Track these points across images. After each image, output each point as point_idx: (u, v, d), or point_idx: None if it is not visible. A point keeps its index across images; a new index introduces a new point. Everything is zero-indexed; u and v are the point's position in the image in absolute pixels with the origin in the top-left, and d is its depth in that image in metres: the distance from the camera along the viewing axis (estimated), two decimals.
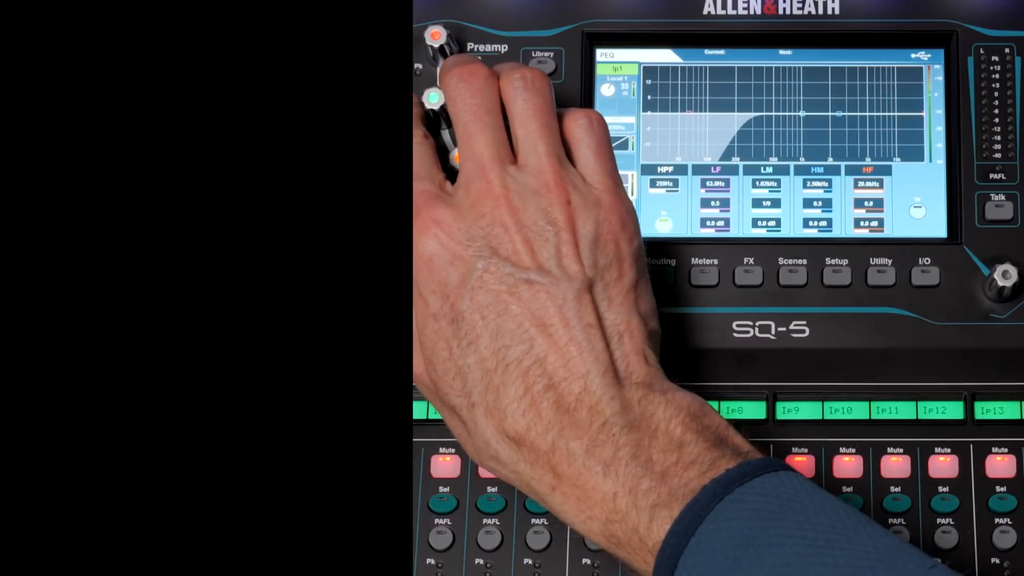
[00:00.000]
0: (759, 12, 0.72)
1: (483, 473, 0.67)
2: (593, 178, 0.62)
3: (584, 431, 0.57)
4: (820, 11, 0.71)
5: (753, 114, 0.71)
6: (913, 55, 0.72)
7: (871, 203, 0.70)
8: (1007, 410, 0.68)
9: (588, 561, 0.66)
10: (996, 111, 0.70)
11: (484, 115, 0.62)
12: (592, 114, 0.64)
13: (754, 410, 0.68)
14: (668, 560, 0.54)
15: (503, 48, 0.71)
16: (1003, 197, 0.69)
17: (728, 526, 0.53)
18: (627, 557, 0.57)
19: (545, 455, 0.57)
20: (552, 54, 0.71)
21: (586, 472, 0.56)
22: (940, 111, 0.71)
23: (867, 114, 0.71)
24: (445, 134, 0.66)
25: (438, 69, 0.68)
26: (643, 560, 0.56)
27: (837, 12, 0.71)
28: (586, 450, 0.56)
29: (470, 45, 0.71)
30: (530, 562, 0.66)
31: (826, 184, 0.70)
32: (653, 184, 0.71)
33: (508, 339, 0.58)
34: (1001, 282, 0.66)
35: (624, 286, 0.60)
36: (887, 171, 0.71)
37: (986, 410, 0.68)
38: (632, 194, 0.71)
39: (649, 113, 0.72)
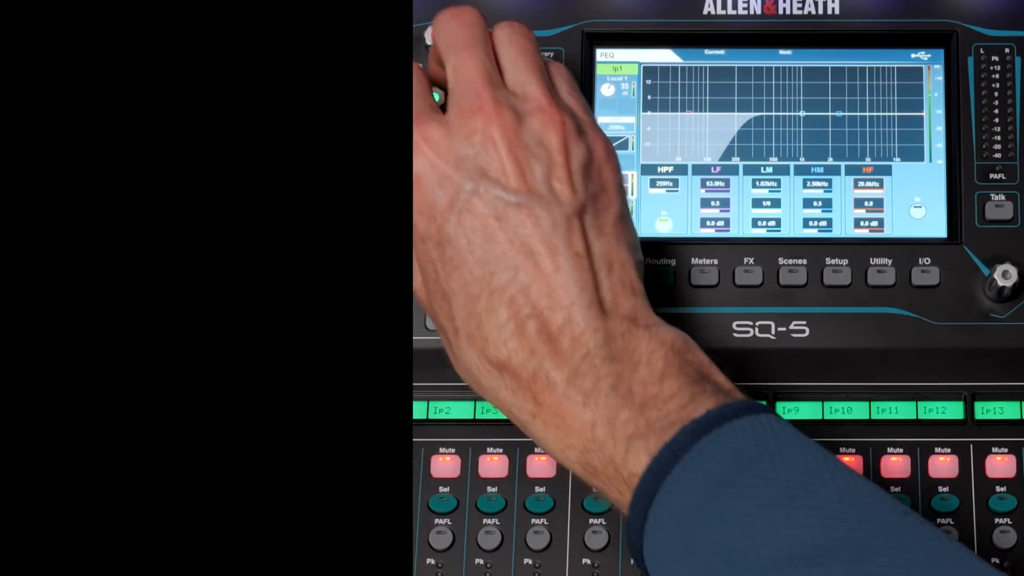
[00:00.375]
0: (759, 12, 0.72)
1: (483, 473, 0.67)
2: (578, 113, 0.62)
3: (566, 361, 0.57)
4: (820, 11, 0.71)
5: (753, 114, 0.71)
6: (913, 55, 0.72)
7: (871, 203, 0.70)
8: (1007, 410, 0.68)
9: (588, 561, 0.66)
10: (996, 111, 0.70)
11: (474, 44, 0.61)
12: (559, 66, 0.64)
13: None
14: (644, 498, 0.54)
15: None
16: (1003, 197, 0.69)
17: (705, 466, 0.53)
18: (601, 486, 0.57)
19: (527, 383, 0.57)
20: (552, 54, 0.71)
21: (566, 401, 0.57)
22: (940, 111, 0.71)
23: (867, 114, 0.71)
24: None
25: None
26: (617, 489, 0.56)
27: (837, 12, 0.71)
28: (567, 380, 0.57)
29: None
30: (530, 562, 0.66)
31: (826, 184, 0.71)
32: (653, 184, 0.71)
33: (493, 266, 0.58)
34: (1001, 282, 0.66)
35: (612, 215, 0.60)
36: (887, 171, 0.71)
37: (986, 410, 0.68)
38: (632, 194, 0.71)
39: (649, 113, 0.72)
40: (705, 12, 0.72)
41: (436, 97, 0.64)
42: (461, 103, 0.60)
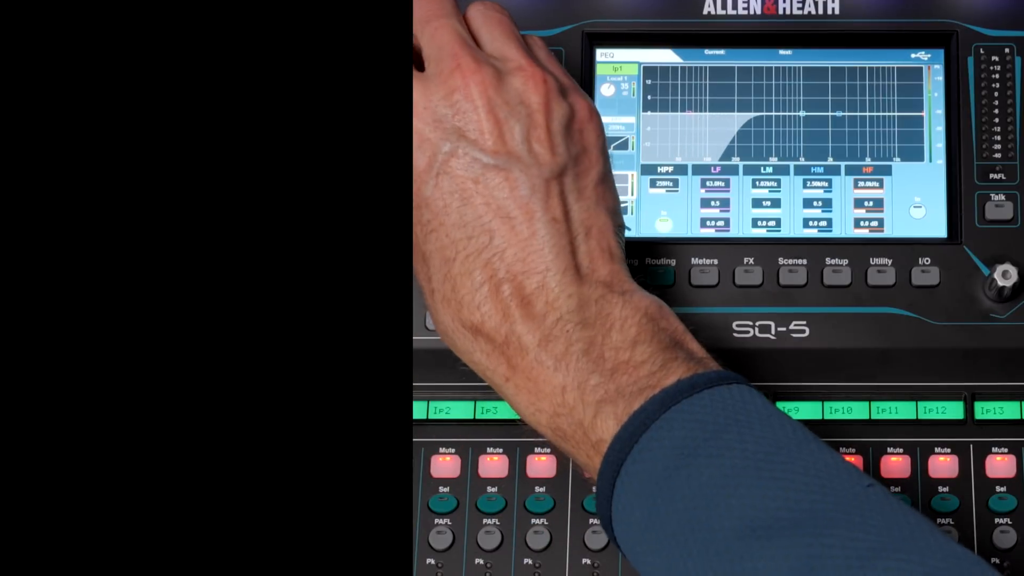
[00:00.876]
0: (759, 12, 0.72)
1: (483, 473, 0.67)
2: (559, 75, 0.62)
3: (538, 325, 0.57)
4: (820, 11, 0.71)
5: (753, 114, 0.71)
6: (913, 55, 0.72)
7: (871, 203, 0.70)
8: (1007, 410, 0.68)
9: (588, 561, 0.66)
10: (996, 111, 0.70)
11: (446, 13, 0.61)
12: (535, 38, 0.64)
13: None
14: (612, 466, 0.54)
15: None
16: (1003, 197, 0.69)
17: (672, 435, 0.53)
18: (571, 450, 0.57)
19: (500, 347, 0.57)
20: (552, 53, 0.71)
21: (538, 366, 0.57)
22: (940, 111, 0.71)
23: (867, 114, 0.71)
24: None
25: None
26: (585, 454, 0.57)
27: (837, 12, 0.71)
28: (539, 344, 0.57)
29: None
30: (530, 562, 0.66)
31: (826, 184, 0.71)
32: (653, 184, 0.71)
33: (469, 230, 0.58)
34: (1001, 282, 0.66)
35: (593, 178, 0.60)
36: (887, 171, 0.71)
37: (986, 410, 0.68)
38: (632, 194, 0.71)
39: (649, 113, 0.72)
40: (705, 12, 0.72)
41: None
42: (440, 65, 0.59)
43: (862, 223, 0.70)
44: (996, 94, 0.70)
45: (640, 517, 0.54)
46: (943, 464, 0.67)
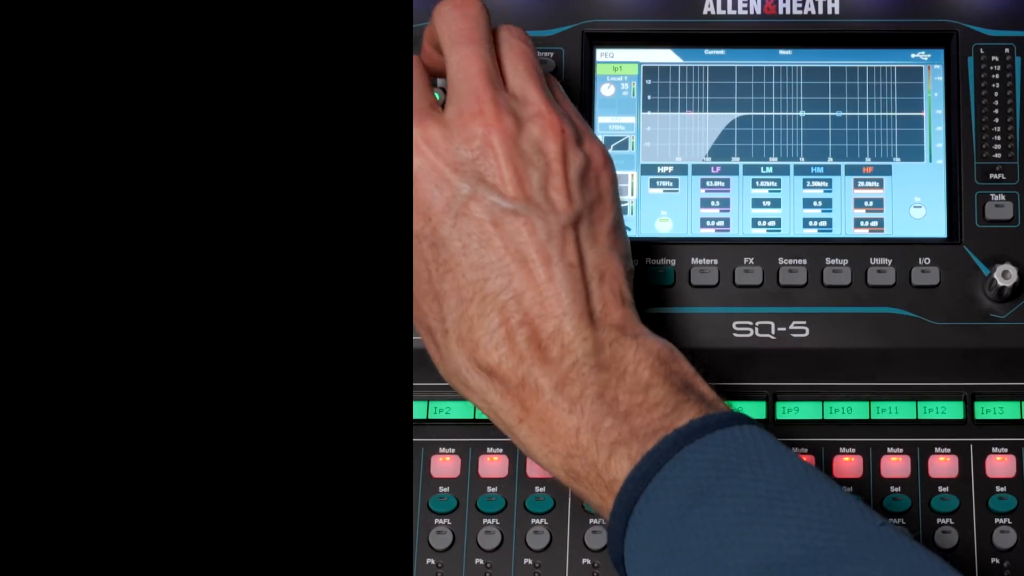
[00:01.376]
0: (759, 12, 0.72)
1: (483, 473, 0.67)
2: (576, 121, 0.62)
3: (554, 368, 0.57)
4: (820, 11, 0.71)
5: (753, 114, 0.71)
6: (913, 55, 0.72)
7: (871, 203, 0.70)
8: (1007, 410, 0.68)
9: (588, 561, 0.66)
10: (996, 111, 0.70)
11: (479, 39, 0.61)
12: (552, 77, 0.65)
13: (754, 410, 0.68)
14: (625, 506, 0.55)
15: None
16: (1003, 197, 0.69)
17: (685, 475, 0.54)
18: (584, 492, 0.58)
19: (515, 388, 0.58)
20: (552, 54, 0.71)
21: (552, 408, 0.57)
22: (940, 111, 0.71)
23: (867, 114, 0.71)
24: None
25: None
26: (599, 495, 0.57)
27: (837, 12, 0.71)
28: (555, 386, 0.57)
29: None
30: (530, 562, 0.66)
31: (826, 184, 0.70)
32: (653, 184, 0.71)
33: (487, 271, 0.58)
34: (1001, 282, 0.66)
35: (607, 224, 0.60)
36: (887, 171, 0.71)
37: (986, 410, 0.68)
38: (632, 194, 0.71)
39: (649, 113, 0.72)
40: (705, 12, 0.72)
41: (437, 96, 0.64)
42: (462, 104, 0.60)
43: (862, 223, 0.70)
44: (996, 94, 0.70)
45: (653, 556, 0.54)
46: (943, 464, 0.67)
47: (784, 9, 0.71)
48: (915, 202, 0.70)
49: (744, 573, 0.51)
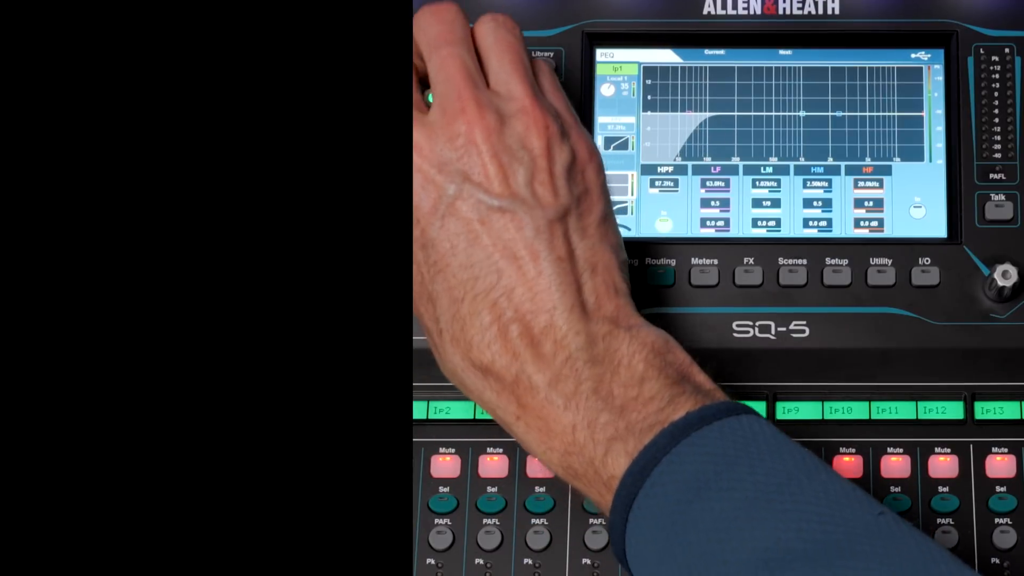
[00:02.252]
0: (759, 12, 0.72)
1: (483, 473, 0.67)
2: (562, 113, 0.62)
3: (548, 364, 0.57)
4: (820, 11, 0.71)
5: (753, 114, 0.71)
6: (913, 55, 0.72)
7: (871, 203, 0.70)
8: (1007, 410, 0.68)
9: (588, 561, 0.66)
10: (996, 111, 0.70)
11: (456, 41, 0.61)
12: (542, 63, 0.64)
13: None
14: (624, 502, 0.55)
15: None
16: (1003, 197, 0.69)
17: (683, 469, 0.54)
18: (583, 488, 0.58)
19: (510, 386, 0.58)
20: (552, 54, 0.71)
21: (548, 405, 0.57)
22: (940, 111, 0.71)
23: (867, 114, 0.71)
24: None
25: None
26: (597, 491, 0.57)
27: (837, 12, 0.71)
28: (549, 383, 0.57)
29: None
30: (530, 562, 0.66)
31: (826, 184, 0.70)
32: (653, 184, 0.71)
33: (477, 270, 0.58)
34: (1001, 282, 0.66)
35: (596, 217, 0.60)
36: (887, 171, 0.71)
37: (986, 410, 0.68)
38: (632, 194, 0.71)
39: (649, 113, 0.72)
40: (705, 12, 0.72)
41: (431, 98, 0.64)
42: (444, 104, 0.60)
43: (862, 223, 0.70)
44: (996, 94, 0.70)
45: (654, 552, 0.54)
46: (943, 464, 0.67)
47: (784, 9, 0.71)
48: (915, 202, 0.70)
49: (743, 567, 0.51)
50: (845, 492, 0.53)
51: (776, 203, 0.71)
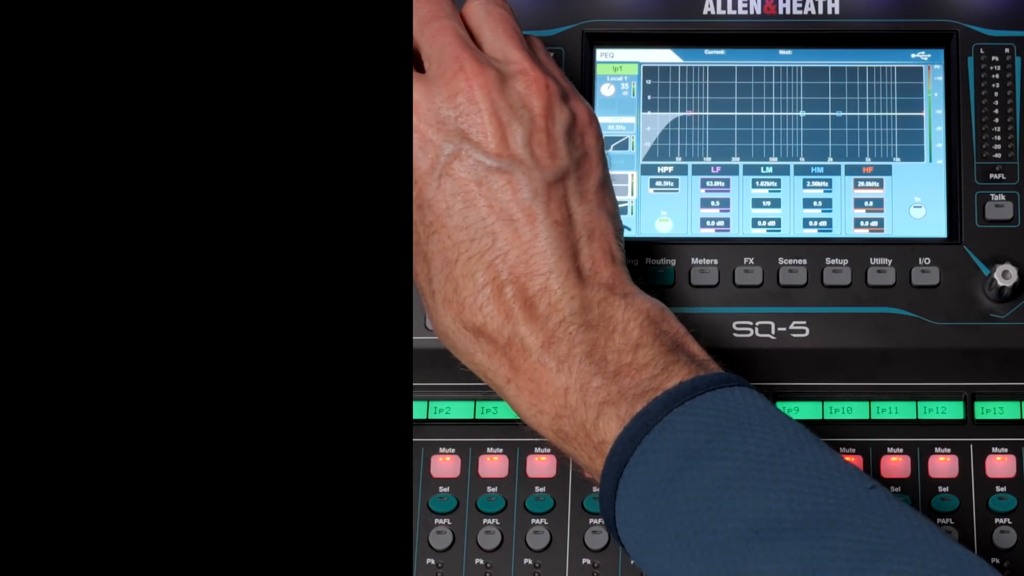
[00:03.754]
0: (759, 12, 0.72)
1: (483, 473, 0.67)
2: (560, 79, 0.62)
3: (541, 327, 0.57)
4: (820, 11, 0.71)
5: (753, 114, 0.71)
6: (913, 55, 0.72)
7: (871, 203, 0.70)
8: (1007, 410, 0.68)
9: (588, 561, 0.66)
10: (996, 111, 0.70)
11: (445, 15, 0.61)
12: (535, 38, 0.64)
13: None
14: (615, 468, 0.55)
15: None
16: (1003, 197, 0.69)
17: (675, 437, 0.54)
18: (572, 451, 0.58)
19: (502, 348, 0.57)
20: (552, 54, 0.71)
21: (540, 367, 0.57)
22: (940, 111, 0.71)
23: (867, 114, 0.71)
24: None
25: None
26: (587, 455, 0.57)
27: (837, 12, 0.71)
28: (542, 345, 0.57)
29: None
30: (530, 562, 0.66)
31: (826, 184, 0.71)
32: (653, 184, 0.71)
33: (472, 232, 0.58)
34: (1001, 282, 0.66)
35: (594, 182, 0.60)
36: (887, 171, 0.71)
37: (986, 410, 0.68)
38: (632, 194, 0.71)
39: (649, 113, 0.72)
40: (705, 12, 0.72)
41: None
42: (443, 66, 0.59)
43: (862, 223, 0.70)
44: (996, 94, 0.70)
45: (643, 519, 0.54)
46: (943, 464, 0.67)
47: (784, 9, 0.71)
48: (915, 202, 0.70)
49: (732, 537, 0.51)
50: (837, 465, 0.53)
51: (776, 203, 0.71)
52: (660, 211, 0.71)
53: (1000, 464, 0.67)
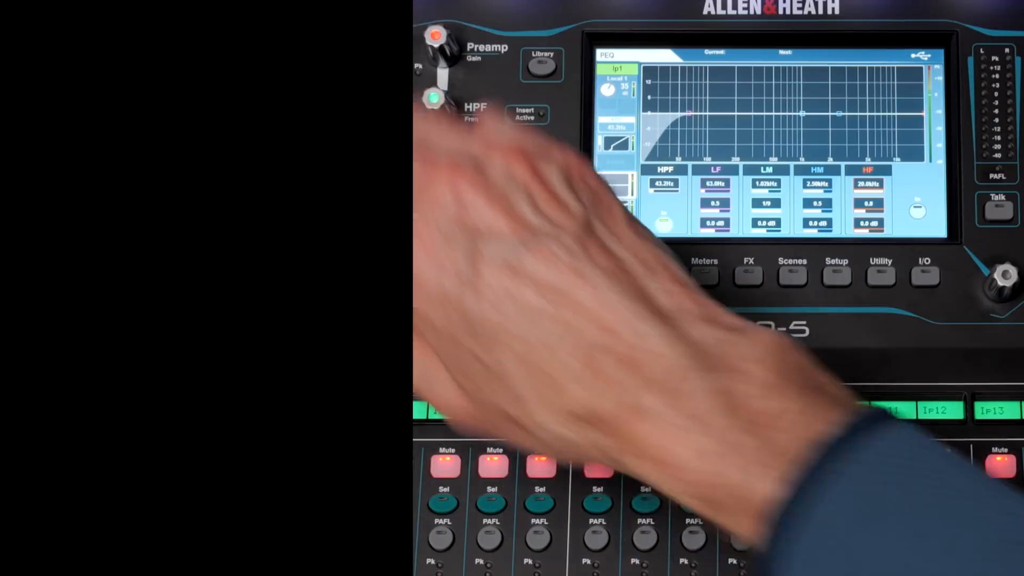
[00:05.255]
0: (759, 12, 0.72)
1: (483, 473, 0.67)
2: (526, 136, 0.57)
3: (655, 383, 0.51)
4: (820, 11, 0.71)
5: (753, 114, 0.71)
6: (913, 55, 0.72)
7: (871, 203, 0.70)
8: (1007, 410, 0.68)
9: (588, 561, 0.66)
10: (996, 111, 0.70)
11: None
12: (480, 113, 0.61)
13: None
14: (782, 533, 0.48)
15: (503, 48, 0.71)
16: (1003, 197, 0.69)
17: (851, 489, 0.48)
18: (721, 519, 0.51)
19: (623, 422, 0.51)
20: (552, 54, 0.71)
21: (666, 431, 0.51)
22: (940, 111, 0.71)
23: (867, 114, 0.71)
24: None
25: (438, 69, 0.69)
26: (734, 520, 0.51)
27: (837, 12, 0.71)
28: (662, 406, 0.51)
29: (470, 45, 0.71)
30: (530, 562, 0.66)
31: (826, 184, 0.71)
32: (653, 184, 0.71)
33: (536, 327, 0.52)
34: (1001, 282, 0.66)
35: (619, 217, 0.55)
36: (887, 171, 0.71)
37: (986, 410, 0.68)
38: (632, 194, 0.71)
39: (649, 113, 0.72)
40: (705, 12, 0.72)
41: (434, 98, 0.63)
42: (416, 179, 0.55)
43: (862, 223, 0.70)
44: (996, 94, 0.70)
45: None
46: None
47: (784, 9, 0.71)
48: (915, 202, 0.70)
49: (967, 558, 0.46)
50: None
51: (776, 203, 0.71)
52: (660, 211, 0.71)
53: (1000, 464, 0.67)
